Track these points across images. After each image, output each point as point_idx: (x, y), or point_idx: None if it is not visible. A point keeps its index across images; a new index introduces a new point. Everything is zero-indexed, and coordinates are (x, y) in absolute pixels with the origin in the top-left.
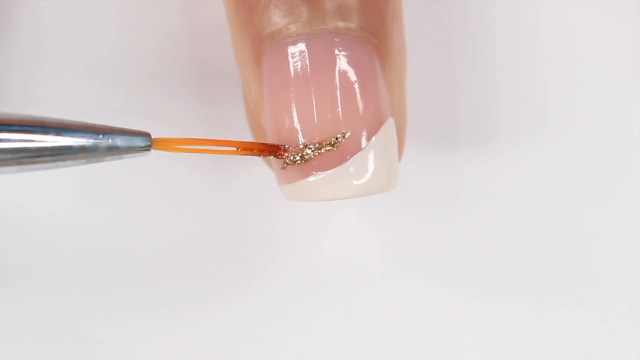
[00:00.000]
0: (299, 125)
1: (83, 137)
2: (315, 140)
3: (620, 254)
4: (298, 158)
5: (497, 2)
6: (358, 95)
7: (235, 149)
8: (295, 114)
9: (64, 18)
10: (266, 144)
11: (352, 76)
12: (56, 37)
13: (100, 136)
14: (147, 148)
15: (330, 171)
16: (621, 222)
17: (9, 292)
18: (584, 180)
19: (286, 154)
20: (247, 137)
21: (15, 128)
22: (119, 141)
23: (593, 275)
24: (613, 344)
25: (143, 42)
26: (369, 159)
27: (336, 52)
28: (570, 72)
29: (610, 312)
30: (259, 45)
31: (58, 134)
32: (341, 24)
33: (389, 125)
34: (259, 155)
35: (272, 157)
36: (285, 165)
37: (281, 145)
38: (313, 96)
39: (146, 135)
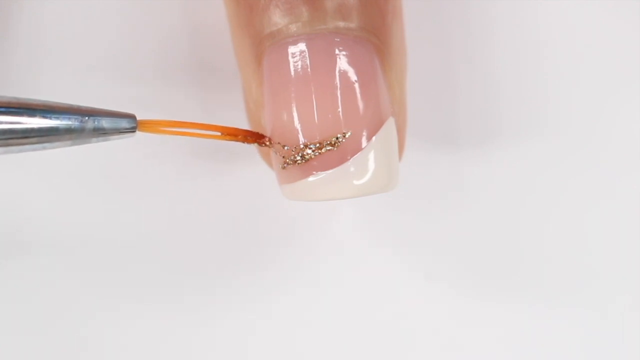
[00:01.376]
0: (300, 125)
1: (69, 118)
2: (315, 140)
3: (620, 253)
4: (298, 158)
5: (497, 2)
6: (358, 95)
7: (219, 133)
8: (295, 114)
9: (64, 18)
10: (250, 131)
11: (353, 76)
12: (56, 37)
13: (86, 118)
14: (132, 130)
15: (330, 171)
16: (621, 221)
17: (3, 284)
18: (584, 180)
19: (274, 149)
20: None
21: (2, 110)
22: (105, 122)
23: (593, 275)
24: (612, 343)
25: (143, 42)
26: (370, 159)
27: (336, 51)
28: (570, 72)
29: (609, 311)
30: (259, 45)
31: (44, 116)
32: (341, 24)
33: (390, 125)
34: (243, 142)
35: (256, 145)
36: (285, 165)
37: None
38: (313, 96)
39: (131, 116)
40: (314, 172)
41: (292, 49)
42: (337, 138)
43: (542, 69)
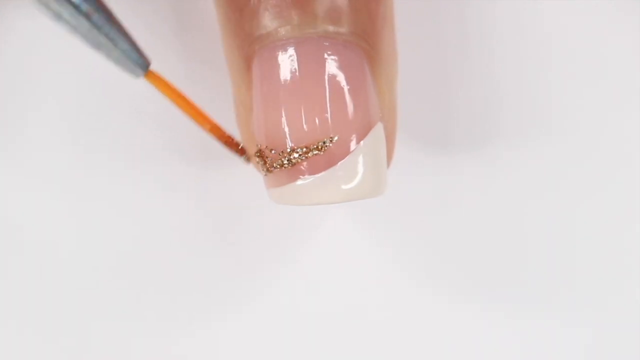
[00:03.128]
0: (287, 129)
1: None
2: (302, 145)
3: (619, 257)
4: (285, 162)
5: (494, 4)
6: (347, 100)
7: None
8: (283, 118)
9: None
10: (232, 139)
11: (341, 81)
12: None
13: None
14: (141, 66)
15: (318, 175)
16: (620, 225)
17: (7, 291)
18: (581, 182)
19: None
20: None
21: None
22: (122, 44)
23: (591, 279)
24: (608, 342)
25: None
26: (358, 164)
27: (325, 56)
28: (568, 74)
29: (606, 312)
30: (249, 48)
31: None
32: (331, 28)
33: (378, 131)
34: (224, 144)
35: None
36: (271, 168)
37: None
38: (301, 100)
39: (147, 60)
40: (302, 176)
41: (281, 53)
42: (324, 142)
43: (539, 72)
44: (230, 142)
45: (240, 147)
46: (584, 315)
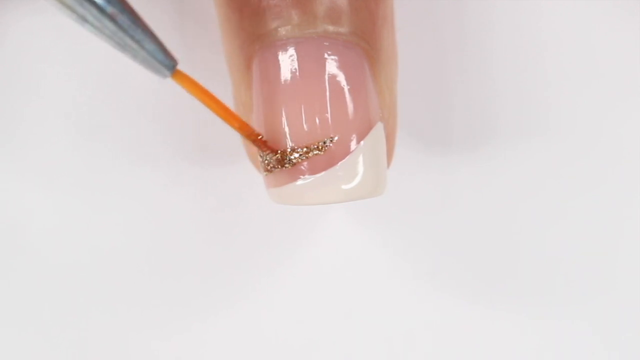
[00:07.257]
0: (287, 129)
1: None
2: (303, 144)
3: (616, 258)
4: (286, 162)
5: (493, 4)
6: (347, 100)
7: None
8: (283, 118)
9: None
10: (261, 140)
11: (342, 81)
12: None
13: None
14: (168, 66)
15: (318, 175)
16: (617, 226)
17: (8, 291)
18: (579, 182)
19: (270, 158)
20: (236, 137)
21: None
22: (147, 45)
23: (590, 278)
24: (606, 343)
25: None
26: (358, 163)
27: (325, 56)
28: (567, 74)
29: (606, 313)
30: (249, 48)
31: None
32: (331, 28)
33: (378, 130)
34: (253, 142)
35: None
36: (272, 168)
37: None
38: (301, 100)
39: (174, 60)
40: (302, 176)
41: (281, 53)
42: (324, 142)
43: (539, 72)
44: (258, 141)
45: (269, 146)
46: (583, 313)
